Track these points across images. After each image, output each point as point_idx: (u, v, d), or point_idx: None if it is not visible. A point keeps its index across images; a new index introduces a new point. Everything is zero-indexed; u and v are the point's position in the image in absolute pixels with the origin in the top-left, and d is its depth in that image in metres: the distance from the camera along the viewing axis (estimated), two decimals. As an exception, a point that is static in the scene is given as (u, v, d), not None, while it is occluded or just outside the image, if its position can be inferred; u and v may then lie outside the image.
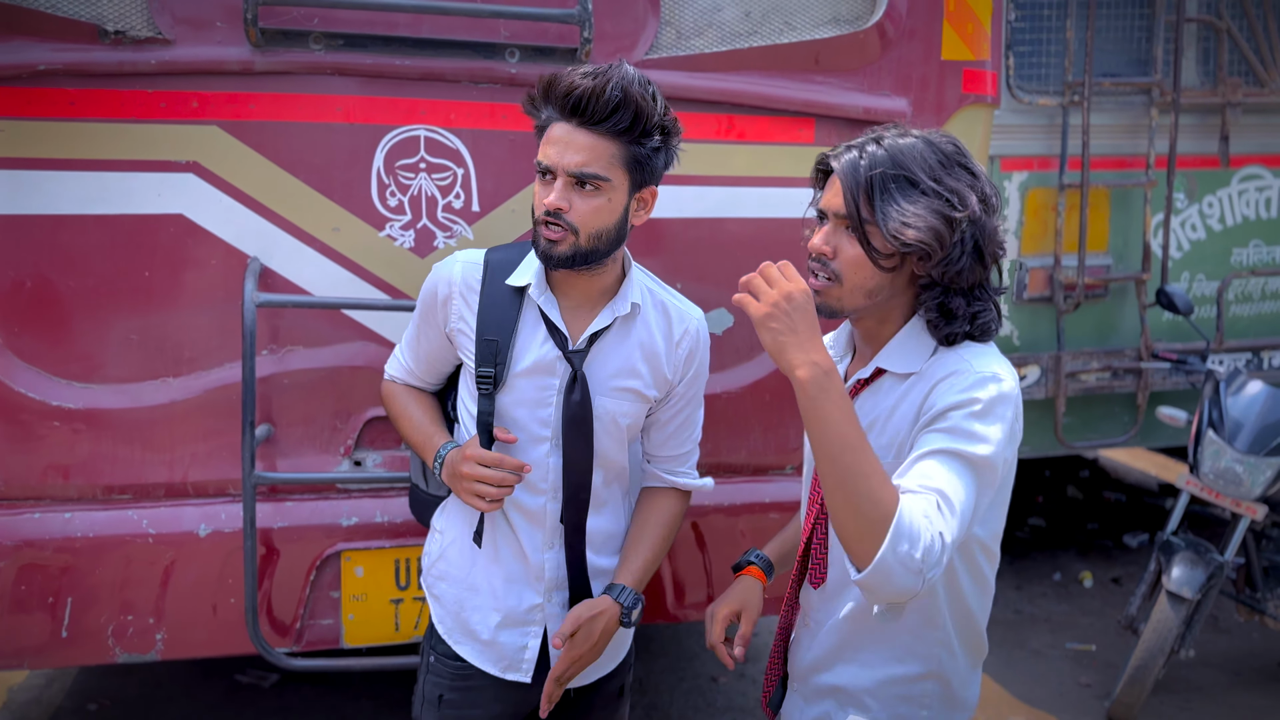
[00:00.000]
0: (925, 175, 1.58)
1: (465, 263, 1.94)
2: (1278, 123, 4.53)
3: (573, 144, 1.77)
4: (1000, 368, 1.61)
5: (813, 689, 1.78)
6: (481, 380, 1.90)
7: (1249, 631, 4.36)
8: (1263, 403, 3.64)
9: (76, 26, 2.21)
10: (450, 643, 1.99)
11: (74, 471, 2.35)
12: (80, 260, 2.29)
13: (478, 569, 1.98)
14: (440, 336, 1.98)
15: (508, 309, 1.90)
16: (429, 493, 2.14)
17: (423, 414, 2.04)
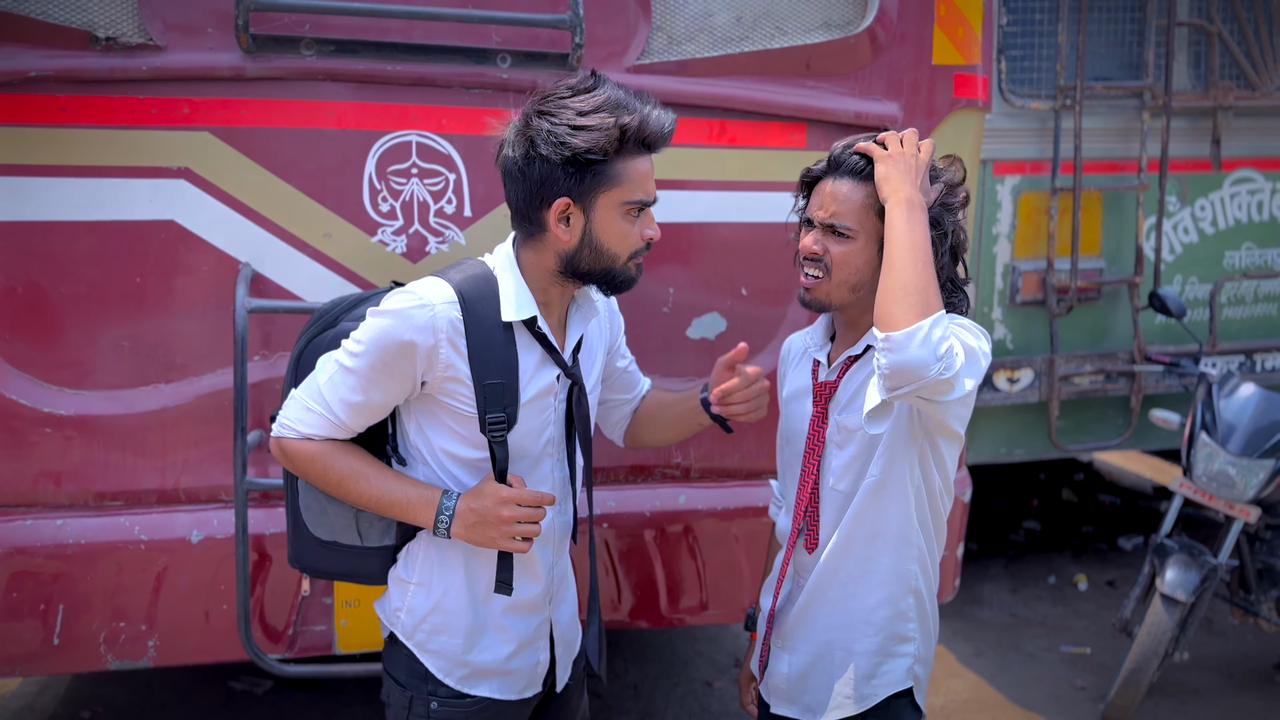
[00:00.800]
0: None
1: (445, 303, 1.77)
2: (1269, 126, 4.54)
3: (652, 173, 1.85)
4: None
5: (798, 634, 1.99)
6: (494, 426, 1.80)
7: (1243, 634, 4.37)
8: (1255, 405, 3.64)
9: (67, 33, 2.21)
10: (463, 688, 1.89)
11: (66, 478, 2.34)
12: (72, 266, 2.29)
13: (483, 610, 1.90)
14: (406, 385, 1.80)
15: (503, 346, 1.80)
16: (367, 546, 1.93)
17: (380, 470, 1.83)
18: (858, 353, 1.92)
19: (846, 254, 1.86)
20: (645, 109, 1.77)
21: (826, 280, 1.87)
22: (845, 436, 1.91)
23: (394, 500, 1.82)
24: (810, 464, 1.96)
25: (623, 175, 1.77)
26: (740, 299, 2.60)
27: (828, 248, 1.87)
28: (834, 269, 1.86)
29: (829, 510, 1.95)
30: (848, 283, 1.87)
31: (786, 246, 2.61)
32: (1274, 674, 4.02)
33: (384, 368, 1.77)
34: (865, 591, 1.93)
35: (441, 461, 1.87)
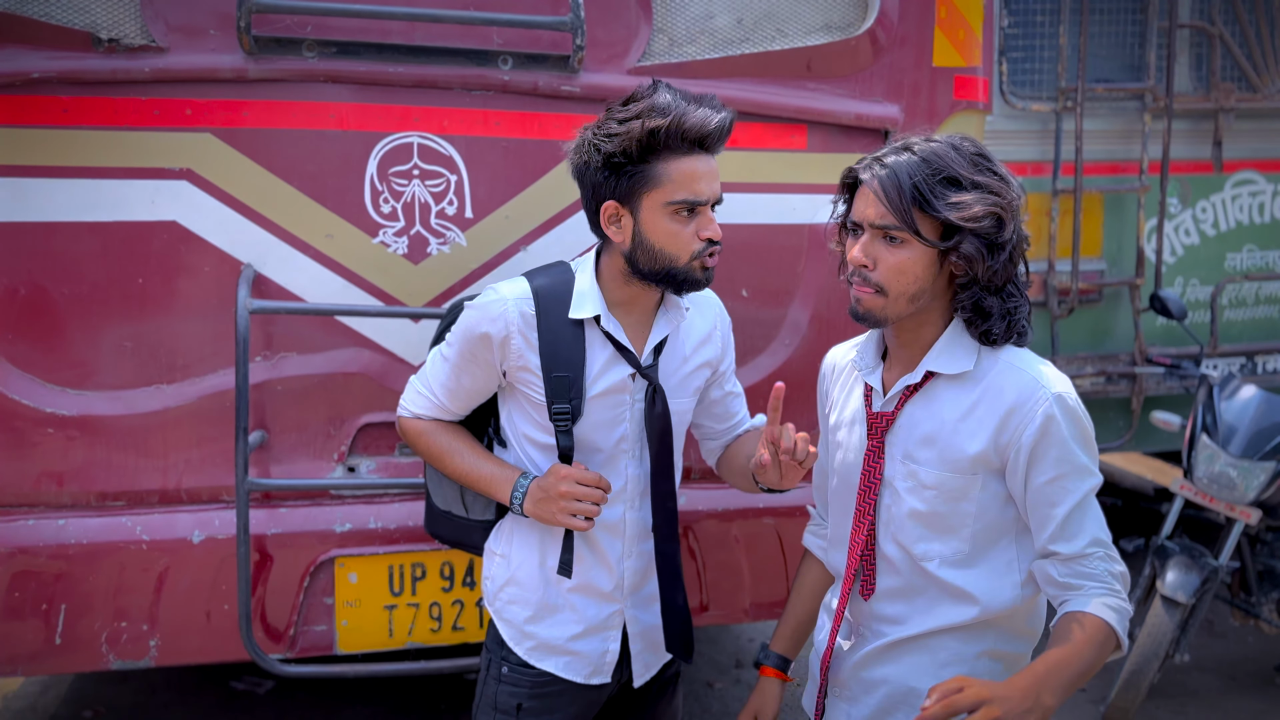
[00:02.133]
0: (964, 172, 1.63)
1: (518, 299, 1.91)
2: (1271, 128, 4.54)
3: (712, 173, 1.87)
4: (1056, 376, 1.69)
5: (859, 686, 1.80)
6: (559, 417, 1.91)
7: (1244, 636, 4.36)
8: (1256, 407, 3.64)
9: (70, 34, 2.22)
10: (532, 660, 2.00)
11: (68, 478, 2.35)
12: (74, 267, 2.30)
13: (553, 589, 2.00)
14: (490, 374, 1.96)
15: (572, 341, 1.91)
16: (471, 519, 2.12)
17: (473, 449, 2.02)
18: (916, 381, 1.71)
19: (902, 262, 1.63)
20: (686, 109, 1.80)
21: (881, 296, 1.65)
22: (915, 484, 1.71)
23: (480, 475, 1.98)
24: (865, 504, 1.76)
25: (663, 176, 1.82)
26: (741, 300, 2.60)
27: (878, 258, 1.64)
28: (888, 282, 1.64)
29: (889, 556, 1.76)
30: (906, 293, 1.64)
31: (787, 248, 2.63)
32: (1274, 676, 4.02)
33: (470, 356, 1.95)
34: (932, 644, 1.74)
35: (523, 445, 2.00)
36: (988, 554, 1.72)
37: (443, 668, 2.50)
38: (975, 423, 1.67)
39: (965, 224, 1.59)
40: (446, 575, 2.53)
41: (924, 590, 1.74)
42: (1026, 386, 1.65)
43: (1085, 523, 1.66)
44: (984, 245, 1.61)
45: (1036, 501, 1.67)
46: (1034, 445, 1.64)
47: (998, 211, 1.61)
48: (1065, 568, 1.66)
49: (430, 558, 2.52)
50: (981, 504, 1.69)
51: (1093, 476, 1.68)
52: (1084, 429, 1.68)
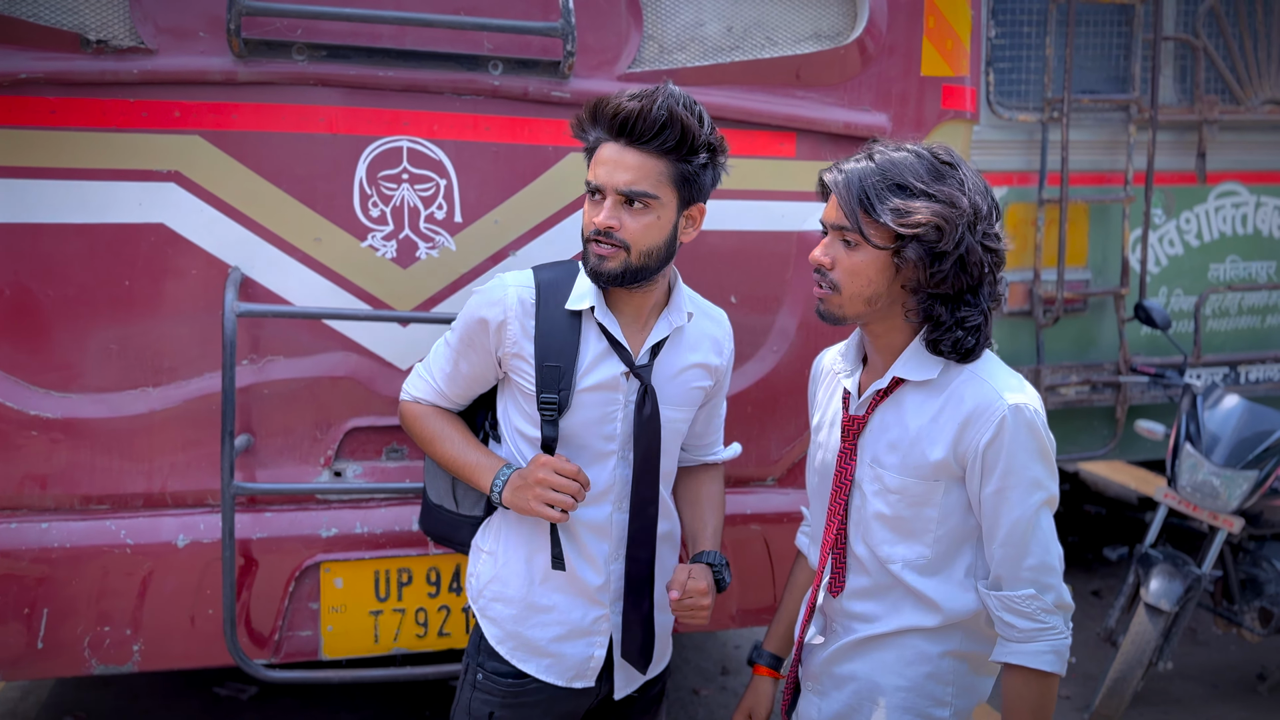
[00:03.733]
0: (916, 181, 1.67)
1: (518, 286, 1.93)
2: (1254, 140, 4.58)
3: (622, 163, 1.83)
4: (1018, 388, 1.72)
5: (830, 681, 1.86)
6: (545, 407, 1.90)
7: (1226, 644, 4.39)
8: (1239, 416, 3.67)
9: (58, 35, 2.21)
10: (514, 661, 2.00)
11: (51, 481, 2.33)
12: (60, 269, 2.28)
13: (540, 587, 1.99)
14: (488, 361, 1.97)
15: (567, 333, 1.91)
16: (460, 513, 2.11)
17: (464, 436, 2.03)
18: (884, 386, 1.77)
19: (856, 264, 1.70)
20: (622, 99, 1.82)
21: (837, 294, 1.72)
22: (881, 488, 1.77)
23: (465, 462, 1.99)
24: (836, 504, 1.83)
25: (593, 158, 1.88)
26: (730, 307, 2.60)
27: (836, 258, 1.72)
28: (843, 283, 1.71)
29: (859, 555, 1.82)
30: (860, 295, 1.71)
31: (777, 255, 2.64)
32: (1257, 684, 4.04)
33: (468, 340, 1.97)
34: (899, 643, 1.79)
35: (515, 439, 2.00)
36: (950, 561, 1.76)
37: (428, 674, 2.49)
38: (938, 430, 1.72)
39: (902, 230, 1.64)
40: (433, 581, 2.52)
41: (891, 590, 1.79)
42: (985, 396, 1.69)
43: (1029, 542, 1.68)
44: (926, 252, 1.65)
45: (984, 512, 1.71)
46: (985, 454, 1.68)
47: (938, 221, 1.64)
48: (998, 601, 1.71)
49: (416, 563, 2.51)
50: (944, 510, 1.74)
51: (1042, 491, 1.68)
52: (1040, 443, 1.68)
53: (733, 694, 3.86)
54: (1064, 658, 1.69)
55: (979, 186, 1.70)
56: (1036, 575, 1.68)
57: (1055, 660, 1.68)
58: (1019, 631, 1.69)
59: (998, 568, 1.70)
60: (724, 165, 1.94)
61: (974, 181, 1.71)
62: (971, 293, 1.70)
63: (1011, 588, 1.69)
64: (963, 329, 1.69)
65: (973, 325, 1.70)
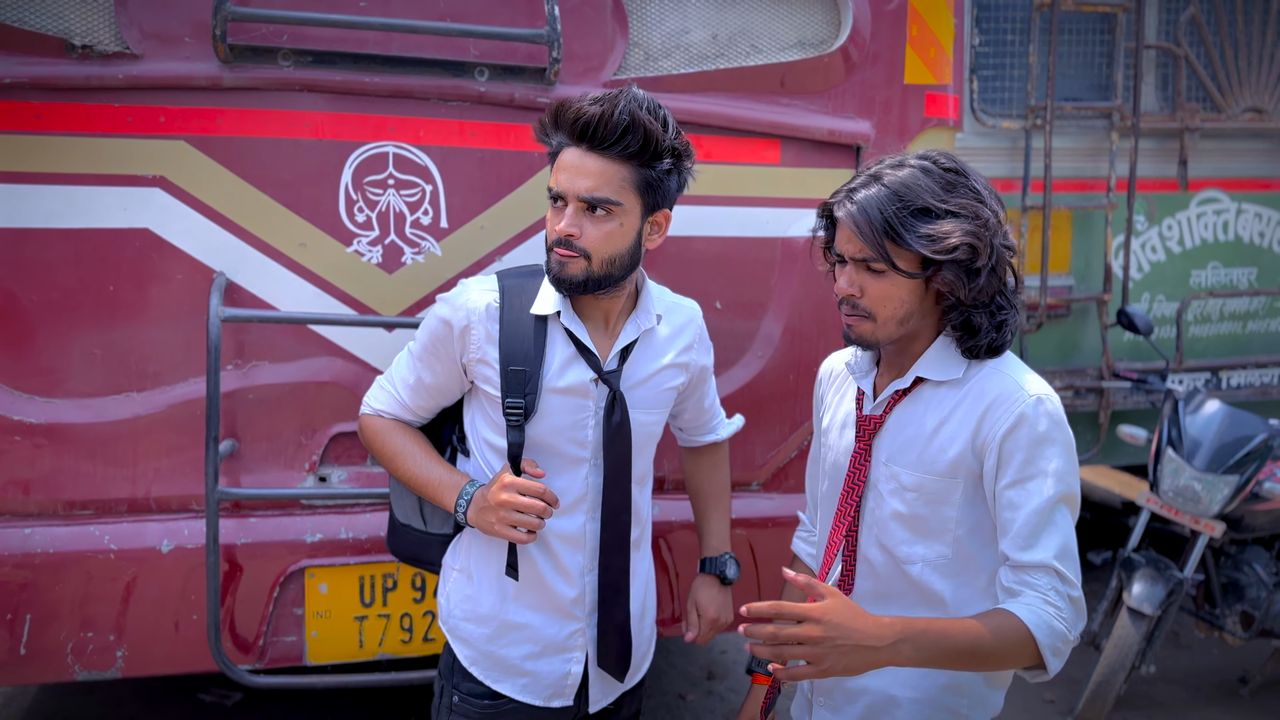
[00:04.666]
0: (935, 201, 1.63)
1: (482, 290, 1.90)
2: (1235, 147, 4.62)
3: (583, 169, 1.78)
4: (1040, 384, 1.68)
5: (842, 695, 1.81)
6: (511, 412, 1.86)
7: (1209, 647, 4.42)
8: (1220, 422, 3.70)
9: (43, 40, 2.21)
10: (488, 682, 1.95)
11: (35, 486, 2.32)
12: (44, 274, 2.28)
13: (512, 604, 1.95)
14: (452, 368, 1.93)
15: (531, 336, 1.87)
16: (429, 532, 2.06)
17: (427, 452, 1.97)
18: (906, 386, 1.74)
19: (887, 289, 1.66)
20: (583, 103, 1.78)
21: (871, 322, 1.68)
22: (897, 486, 1.73)
23: (429, 480, 1.93)
24: (847, 505, 1.78)
25: (555, 164, 1.84)
26: (715, 313, 2.62)
27: (864, 286, 1.67)
28: (876, 309, 1.67)
29: (870, 558, 1.77)
30: (894, 318, 1.67)
31: (759, 260, 2.65)
32: (1239, 687, 4.07)
33: (431, 348, 1.93)
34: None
35: (483, 450, 1.95)
36: (971, 565, 1.71)
37: (413, 679, 2.49)
38: (956, 425, 1.68)
39: (938, 257, 1.61)
40: (418, 586, 2.52)
41: (901, 596, 1.74)
42: (1007, 388, 1.66)
43: (1044, 536, 1.60)
44: (962, 271, 1.63)
45: (1001, 505, 1.65)
46: (1003, 444, 1.63)
47: (971, 241, 1.61)
48: (1013, 574, 1.62)
49: (401, 569, 2.51)
50: (964, 509, 1.69)
51: (1061, 485, 1.61)
52: (1062, 436, 1.64)
53: (719, 699, 3.86)
54: (1057, 641, 1.55)
55: (990, 190, 1.69)
56: (1055, 563, 1.59)
57: (1045, 631, 1.54)
58: (1024, 597, 1.58)
59: (1015, 556, 1.61)
60: (690, 170, 1.90)
61: (985, 186, 1.69)
62: (1001, 294, 1.69)
63: (1028, 570, 1.60)
64: (1002, 329, 1.68)
65: (1011, 323, 1.69)
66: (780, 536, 2.72)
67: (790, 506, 2.73)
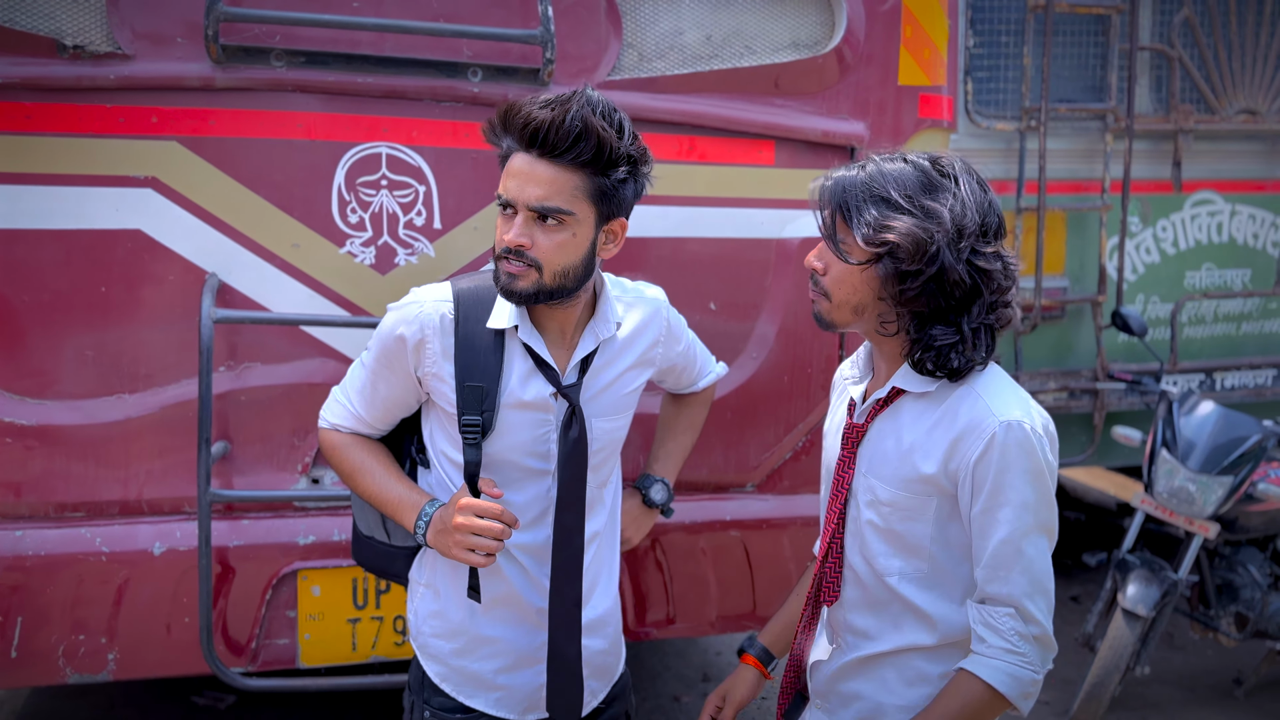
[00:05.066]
0: (900, 195, 1.59)
1: (435, 302, 1.81)
2: (1228, 149, 4.63)
3: (533, 177, 1.70)
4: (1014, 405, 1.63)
5: (837, 699, 1.81)
6: (467, 429, 1.79)
7: (1203, 649, 4.42)
8: (1215, 423, 3.70)
9: (34, 40, 2.20)
10: (460, 698, 1.91)
11: (26, 489, 2.31)
12: (36, 275, 2.27)
13: (483, 618, 1.91)
14: (407, 381, 1.86)
15: (488, 351, 1.80)
16: (393, 545, 1.99)
17: (386, 469, 1.90)
18: (883, 395, 1.71)
19: (842, 272, 1.64)
20: (533, 107, 1.70)
21: (827, 300, 1.68)
22: (873, 499, 1.72)
23: (388, 498, 1.87)
24: (832, 513, 1.78)
25: (504, 169, 1.76)
26: (709, 314, 2.61)
27: (829, 265, 1.67)
28: (831, 290, 1.67)
29: (854, 566, 1.77)
30: (848, 303, 1.66)
31: (755, 262, 2.65)
32: (1233, 688, 4.07)
33: (385, 361, 1.86)
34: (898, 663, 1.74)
35: (443, 463, 1.90)
36: (949, 578, 1.70)
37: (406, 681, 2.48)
38: (931, 444, 1.66)
39: (869, 246, 1.60)
40: (411, 588, 2.52)
41: (888, 605, 1.74)
42: (978, 413, 1.62)
43: (1013, 570, 1.60)
44: (895, 268, 1.59)
45: (973, 532, 1.64)
46: (974, 471, 1.61)
47: (905, 242, 1.57)
48: (979, 613, 1.64)
49: (395, 570, 2.50)
50: (938, 526, 1.68)
51: (1028, 514, 1.59)
52: (1033, 464, 1.60)
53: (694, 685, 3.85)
54: (1023, 688, 1.59)
55: (975, 202, 1.61)
56: (1021, 600, 1.60)
57: (1011, 684, 1.58)
58: (988, 646, 1.61)
59: (981, 590, 1.64)
60: (648, 176, 1.82)
61: (970, 196, 1.61)
62: (954, 311, 1.62)
63: (994, 604, 1.63)
64: (933, 349, 1.62)
65: (944, 346, 1.62)
66: (775, 539, 2.72)
67: (785, 508, 2.73)
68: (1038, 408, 1.67)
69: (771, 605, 2.76)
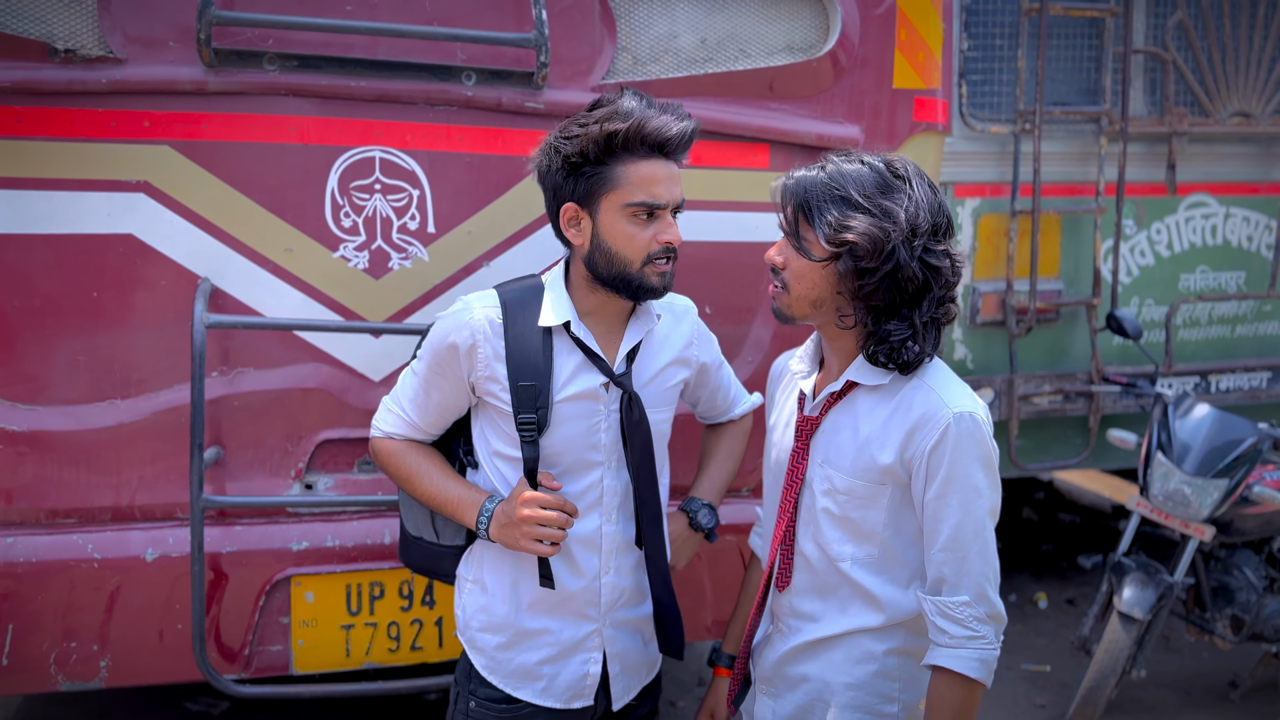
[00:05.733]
0: (858, 194, 1.70)
1: (485, 307, 1.91)
2: (1222, 152, 4.64)
3: (673, 178, 1.87)
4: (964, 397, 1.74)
5: (783, 683, 1.90)
6: (524, 427, 1.88)
7: (1199, 651, 4.42)
8: (1210, 425, 3.70)
9: (25, 44, 2.19)
10: (506, 688, 1.98)
11: (17, 495, 2.30)
12: (27, 280, 2.26)
13: (527, 611, 1.97)
14: (459, 386, 1.94)
15: (537, 351, 1.89)
16: (441, 544, 2.07)
17: (442, 471, 1.99)
18: (837, 389, 1.81)
19: (802, 268, 1.75)
20: (647, 114, 1.83)
21: (786, 294, 1.79)
22: (830, 488, 1.81)
23: (447, 499, 1.95)
24: (787, 502, 1.87)
25: (622, 178, 1.84)
26: (704, 317, 2.58)
27: (788, 260, 1.77)
28: (791, 284, 1.77)
29: (806, 553, 1.86)
30: (806, 297, 1.76)
31: (749, 265, 2.64)
32: (1229, 691, 4.07)
33: (437, 368, 1.93)
34: (846, 643, 1.83)
35: (494, 463, 1.97)
36: (897, 562, 1.80)
37: (400, 688, 2.47)
38: (887, 435, 1.75)
39: (830, 245, 1.70)
40: (405, 594, 2.51)
41: (837, 589, 1.83)
42: (932, 404, 1.72)
43: (968, 549, 1.70)
44: (855, 265, 1.69)
45: (926, 516, 1.74)
46: (929, 459, 1.71)
47: (863, 241, 1.67)
48: (933, 605, 1.73)
49: (388, 576, 2.49)
50: (890, 513, 1.78)
51: (983, 498, 1.71)
52: (982, 451, 1.72)
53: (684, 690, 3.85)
54: (990, 668, 1.71)
55: (927, 203, 1.71)
56: (973, 583, 1.71)
57: (981, 668, 1.70)
58: (950, 637, 1.71)
59: (935, 572, 1.73)
60: None
61: (923, 197, 1.71)
62: (907, 306, 1.72)
63: (948, 594, 1.72)
64: (887, 342, 1.72)
65: (898, 339, 1.72)
66: (770, 542, 2.72)
67: (780, 512, 2.72)
68: (977, 399, 1.77)
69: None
